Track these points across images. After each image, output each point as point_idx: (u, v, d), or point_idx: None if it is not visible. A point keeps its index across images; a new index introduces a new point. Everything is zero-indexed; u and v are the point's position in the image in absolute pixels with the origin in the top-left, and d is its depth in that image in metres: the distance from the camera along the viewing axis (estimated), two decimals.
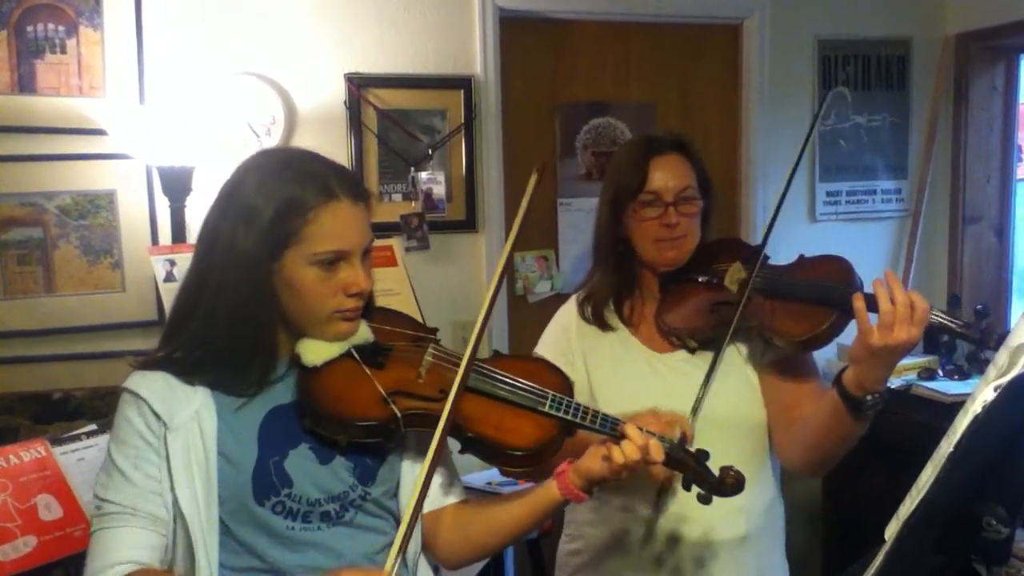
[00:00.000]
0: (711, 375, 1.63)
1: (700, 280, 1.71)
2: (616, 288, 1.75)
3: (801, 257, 1.72)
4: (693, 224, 1.70)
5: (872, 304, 1.42)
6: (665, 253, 1.68)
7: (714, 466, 1.34)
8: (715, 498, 1.33)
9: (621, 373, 1.71)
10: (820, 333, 1.54)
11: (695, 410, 1.60)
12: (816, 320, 1.55)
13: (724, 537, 1.64)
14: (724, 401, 1.65)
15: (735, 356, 1.69)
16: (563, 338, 1.79)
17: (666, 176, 1.68)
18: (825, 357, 1.57)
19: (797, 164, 1.79)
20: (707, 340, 1.67)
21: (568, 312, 1.82)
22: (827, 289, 1.56)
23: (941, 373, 3.08)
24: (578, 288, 1.84)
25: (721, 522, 1.63)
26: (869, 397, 1.43)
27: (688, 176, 1.70)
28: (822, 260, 1.68)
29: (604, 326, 1.75)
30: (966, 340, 1.47)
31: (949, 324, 1.46)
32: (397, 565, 1.16)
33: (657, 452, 1.27)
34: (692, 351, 1.68)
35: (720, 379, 1.66)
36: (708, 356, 1.67)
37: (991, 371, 1.04)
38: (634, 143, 1.78)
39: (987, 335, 1.44)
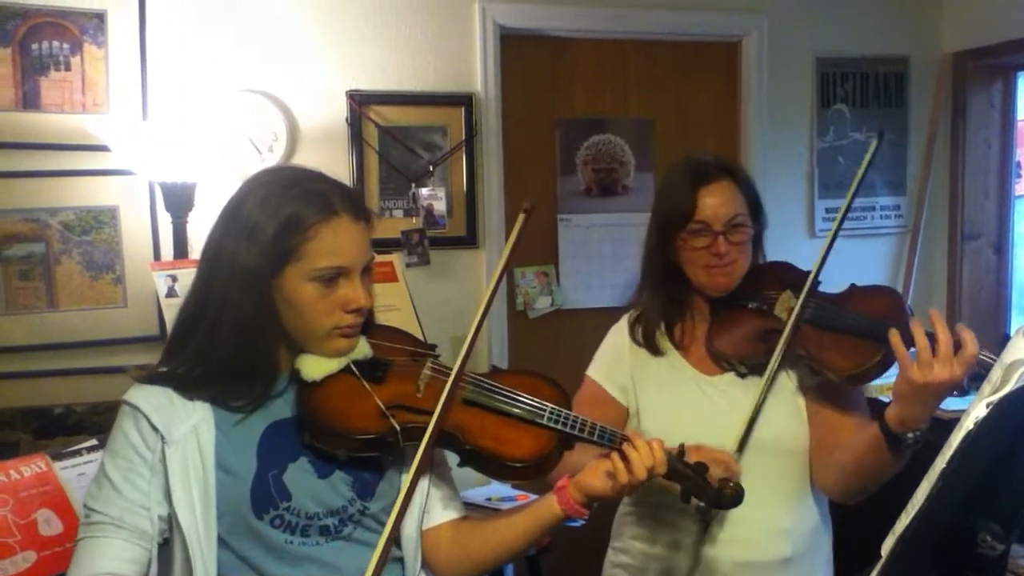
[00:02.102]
0: (760, 409, 1.62)
1: (751, 306, 1.70)
2: (667, 311, 1.75)
3: (852, 286, 1.70)
4: (743, 250, 1.68)
5: (915, 339, 1.41)
6: (716, 279, 1.68)
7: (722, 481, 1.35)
8: (715, 510, 1.35)
9: (670, 395, 1.71)
10: (868, 369, 1.54)
11: (741, 447, 1.59)
12: (864, 355, 1.54)
13: (769, 558, 1.64)
14: (772, 427, 1.64)
15: (786, 383, 1.68)
16: (616, 359, 1.78)
17: (715, 204, 1.65)
18: None
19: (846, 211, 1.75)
20: (756, 366, 1.66)
21: (620, 333, 1.81)
22: (876, 324, 1.53)
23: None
24: (627, 306, 1.83)
25: (766, 544, 1.63)
26: (910, 435, 1.43)
27: (738, 203, 1.68)
28: (873, 292, 1.67)
29: (655, 350, 1.74)
30: None
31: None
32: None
33: (658, 465, 1.29)
34: (742, 376, 1.67)
35: (769, 405, 1.65)
36: (757, 381, 1.65)
37: (985, 387, 1.05)
38: (682, 169, 1.74)
39: None
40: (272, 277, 1.26)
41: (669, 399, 1.71)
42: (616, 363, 1.77)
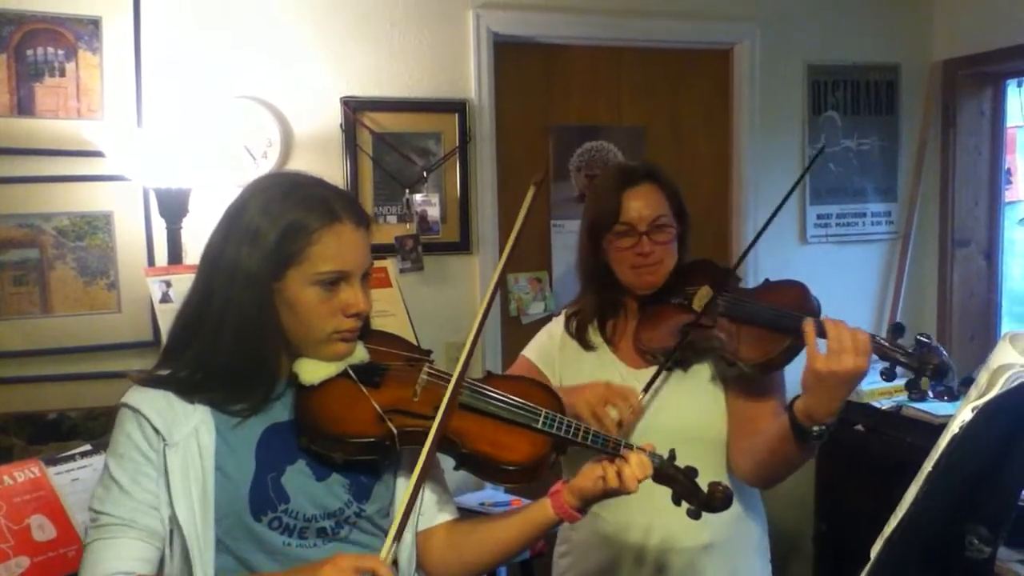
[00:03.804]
0: (657, 376, 1.71)
1: (673, 302, 1.78)
2: (600, 309, 1.84)
3: (766, 281, 1.78)
4: (668, 249, 1.76)
5: (822, 332, 1.49)
6: (643, 278, 1.76)
7: (702, 482, 1.37)
8: (704, 513, 1.36)
9: None
10: (775, 357, 1.62)
11: (647, 388, 1.68)
12: (772, 345, 1.62)
13: (687, 545, 1.72)
14: (688, 417, 1.73)
15: (703, 374, 1.76)
16: (547, 345, 1.88)
17: (639, 207, 1.74)
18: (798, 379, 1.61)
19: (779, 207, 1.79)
20: (679, 359, 1.74)
21: (557, 324, 1.91)
22: (783, 315, 1.62)
23: (931, 394, 3.09)
24: (570, 304, 1.93)
25: (684, 531, 1.69)
26: (816, 428, 1.49)
27: (660, 204, 1.76)
28: (783, 285, 1.74)
29: (586, 344, 1.84)
30: (906, 368, 1.51)
31: (890, 352, 1.52)
32: (393, 551, 1.19)
33: (646, 468, 1.31)
34: (667, 370, 1.75)
35: (687, 396, 1.74)
36: (680, 374, 1.75)
37: (972, 392, 1.06)
38: (609, 174, 1.86)
39: (924, 364, 1.49)
40: (274, 281, 1.27)
41: None
42: (548, 346, 1.88)
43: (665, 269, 1.76)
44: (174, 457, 1.25)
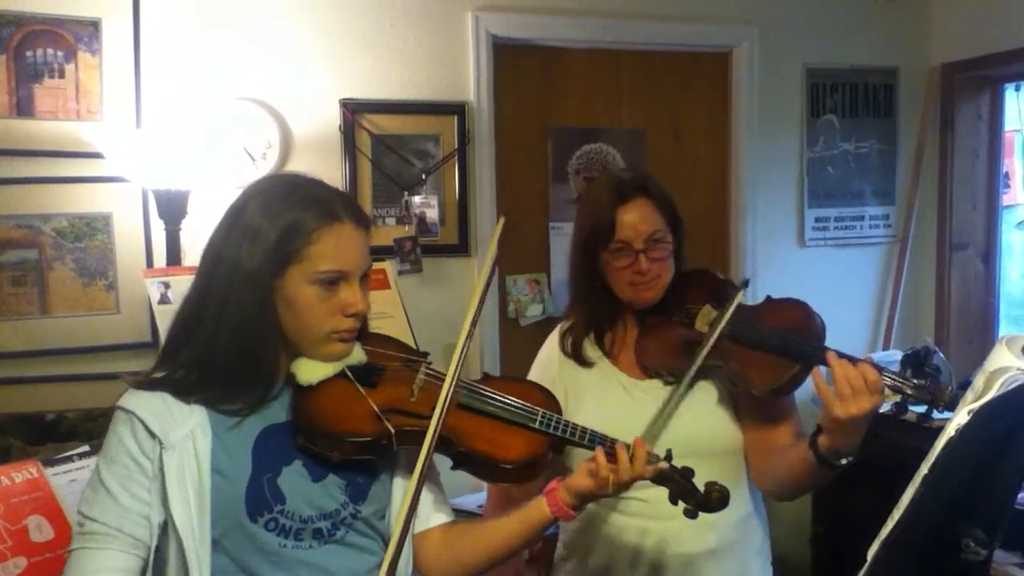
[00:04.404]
0: (664, 410, 1.68)
1: (674, 319, 1.76)
2: (595, 321, 1.81)
3: (768, 299, 1.75)
4: (665, 265, 1.73)
5: (824, 362, 1.50)
6: (641, 294, 1.73)
7: (699, 482, 1.37)
8: (701, 513, 1.37)
9: (599, 399, 1.77)
10: (783, 384, 1.60)
11: (660, 411, 1.66)
12: (779, 371, 1.60)
13: (694, 550, 1.70)
14: (703, 430, 1.71)
15: (712, 386, 1.74)
16: (548, 372, 1.84)
17: (634, 223, 1.70)
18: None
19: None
20: (682, 376, 1.71)
21: (551, 346, 1.87)
22: (790, 340, 1.60)
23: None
24: (563, 318, 1.89)
25: (691, 535, 1.68)
26: (844, 461, 1.51)
27: (655, 219, 1.71)
28: (785, 305, 1.72)
29: (585, 361, 1.80)
30: (920, 402, 1.50)
31: (902, 386, 1.51)
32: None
33: (643, 472, 1.31)
34: (669, 384, 1.73)
35: (699, 410, 1.72)
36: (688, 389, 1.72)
37: (969, 395, 1.07)
38: (601, 188, 1.79)
39: (937, 399, 1.49)
40: (273, 278, 1.28)
41: (598, 403, 1.76)
42: (547, 374, 1.83)
43: (663, 283, 1.73)
44: (171, 460, 1.25)
